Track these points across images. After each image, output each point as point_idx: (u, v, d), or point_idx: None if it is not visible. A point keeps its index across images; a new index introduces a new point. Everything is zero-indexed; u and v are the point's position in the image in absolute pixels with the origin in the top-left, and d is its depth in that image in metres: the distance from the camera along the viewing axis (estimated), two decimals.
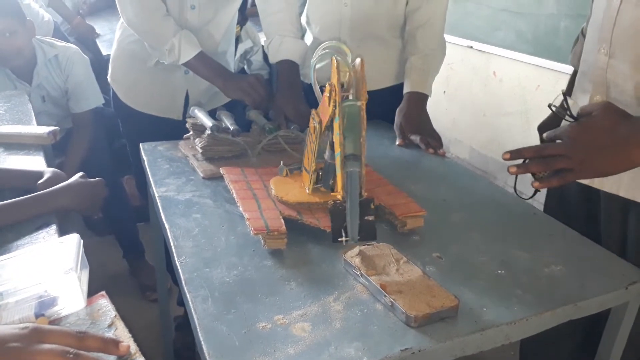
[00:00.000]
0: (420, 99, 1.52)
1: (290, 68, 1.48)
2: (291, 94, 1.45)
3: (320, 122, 1.00)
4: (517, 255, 0.95)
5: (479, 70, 3.29)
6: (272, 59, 1.51)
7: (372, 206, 0.82)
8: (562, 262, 0.93)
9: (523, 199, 1.12)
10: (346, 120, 0.88)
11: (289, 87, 1.46)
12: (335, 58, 0.93)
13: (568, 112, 0.89)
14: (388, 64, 1.65)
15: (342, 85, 0.94)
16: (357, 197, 0.82)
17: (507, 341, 0.79)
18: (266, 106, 1.47)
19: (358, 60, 0.91)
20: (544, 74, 2.81)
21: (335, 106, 0.89)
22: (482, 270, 0.91)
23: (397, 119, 1.51)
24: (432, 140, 1.44)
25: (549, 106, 0.90)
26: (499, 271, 0.91)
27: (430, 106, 1.55)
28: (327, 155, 1.03)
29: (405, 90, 1.54)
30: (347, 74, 0.96)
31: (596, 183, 1.08)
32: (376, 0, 1.53)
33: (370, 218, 0.82)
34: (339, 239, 0.82)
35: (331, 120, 0.93)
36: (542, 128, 1.39)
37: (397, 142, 1.48)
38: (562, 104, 0.91)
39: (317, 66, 1.09)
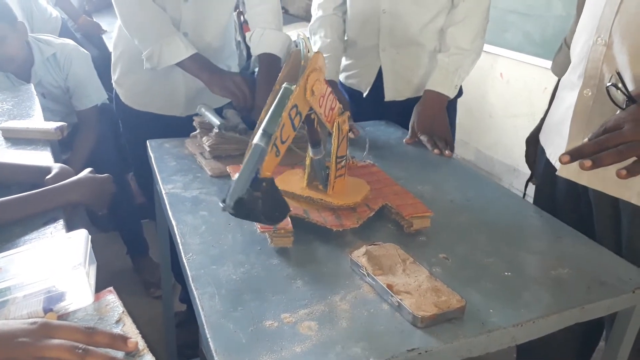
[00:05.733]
0: (438, 99, 1.49)
1: (271, 62, 1.45)
2: (269, 88, 1.41)
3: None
4: (523, 257, 0.95)
5: (486, 71, 3.28)
6: (254, 52, 1.48)
7: (264, 184, 0.83)
8: (569, 264, 0.93)
9: None
10: (276, 102, 0.87)
11: (269, 82, 1.38)
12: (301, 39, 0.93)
13: (626, 93, 0.82)
14: (429, 71, 1.57)
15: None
16: (250, 170, 0.82)
17: (514, 343, 0.79)
18: (251, 106, 1.41)
19: (311, 54, 0.91)
20: (552, 77, 2.80)
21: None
22: (488, 272, 0.90)
23: (412, 116, 1.50)
24: (439, 141, 1.43)
25: (607, 87, 0.83)
26: (506, 273, 0.90)
27: None
28: (310, 151, 1.04)
29: (426, 87, 1.51)
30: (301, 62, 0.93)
31: (584, 180, 1.06)
32: (415, 8, 1.50)
33: (257, 194, 0.82)
34: (221, 204, 0.84)
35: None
36: (530, 140, 1.39)
37: (405, 140, 1.47)
38: (615, 85, 0.85)
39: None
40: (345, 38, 1.67)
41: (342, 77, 1.73)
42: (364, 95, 1.67)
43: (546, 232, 1.07)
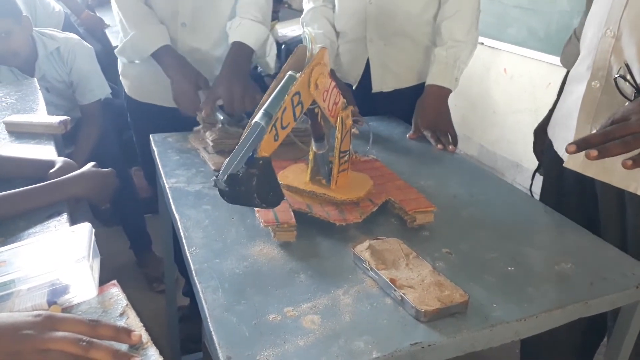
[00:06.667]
0: (440, 92, 1.49)
1: (240, 52, 1.44)
2: (230, 75, 1.40)
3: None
4: (527, 252, 0.95)
5: (490, 66, 3.27)
6: (229, 40, 1.48)
7: (261, 162, 0.82)
8: (573, 259, 0.93)
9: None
10: (280, 86, 0.88)
11: (232, 71, 1.41)
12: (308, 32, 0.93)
13: (634, 84, 0.83)
14: (416, 62, 1.60)
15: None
16: (247, 147, 0.81)
17: (517, 337, 0.79)
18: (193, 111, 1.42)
19: (318, 47, 0.91)
20: (555, 72, 2.79)
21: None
22: (491, 267, 0.90)
23: (415, 111, 1.50)
24: (443, 136, 1.43)
25: (615, 79, 0.84)
26: (509, 268, 0.90)
27: None
28: (314, 146, 1.04)
29: (427, 82, 1.51)
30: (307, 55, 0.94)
31: (591, 172, 1.06)
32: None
33: (253, 171, 0.81)
34: (214, 178, 0.85)
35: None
36: (538, 131, 1.39)
37: (408, 135, 1.47)
38: (623, 77, 0.85)
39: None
40: (340, 37, 1.67)
41: None
42: (354, 87, 1.67)
43: (549, 227, 1.07)
